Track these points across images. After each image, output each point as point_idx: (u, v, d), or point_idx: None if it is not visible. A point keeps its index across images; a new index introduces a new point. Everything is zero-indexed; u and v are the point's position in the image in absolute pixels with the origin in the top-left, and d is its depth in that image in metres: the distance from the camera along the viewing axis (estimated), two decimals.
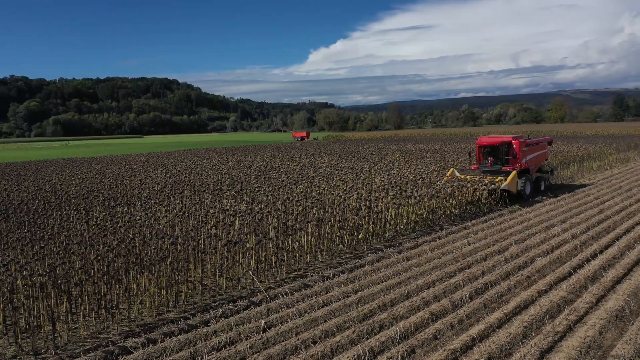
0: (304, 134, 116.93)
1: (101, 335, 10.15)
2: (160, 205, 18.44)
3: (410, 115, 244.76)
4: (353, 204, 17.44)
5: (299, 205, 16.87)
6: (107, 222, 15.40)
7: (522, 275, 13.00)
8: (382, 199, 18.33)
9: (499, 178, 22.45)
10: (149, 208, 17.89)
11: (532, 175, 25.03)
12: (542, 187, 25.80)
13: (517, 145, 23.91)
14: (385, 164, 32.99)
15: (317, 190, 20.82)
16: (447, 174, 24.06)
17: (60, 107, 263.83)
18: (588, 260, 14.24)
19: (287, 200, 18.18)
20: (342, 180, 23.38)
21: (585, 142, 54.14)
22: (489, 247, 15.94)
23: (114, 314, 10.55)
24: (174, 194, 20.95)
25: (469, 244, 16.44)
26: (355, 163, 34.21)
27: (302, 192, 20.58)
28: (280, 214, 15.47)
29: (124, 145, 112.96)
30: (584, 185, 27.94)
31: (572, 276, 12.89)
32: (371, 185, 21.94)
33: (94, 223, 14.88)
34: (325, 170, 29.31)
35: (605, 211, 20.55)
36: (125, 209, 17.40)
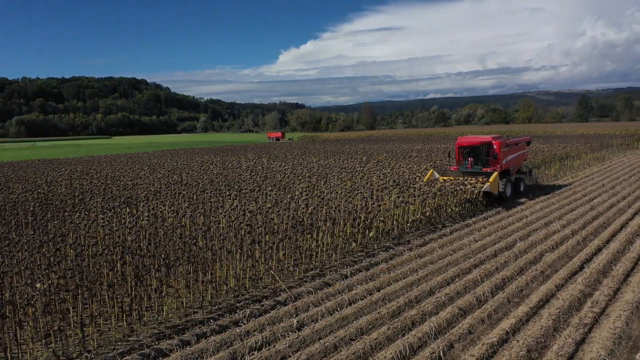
0: (279, 134, 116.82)
1: (131, 338, 9.93)
2: (164, 205, 18.14)
3: (381, 116, 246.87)
4: (359, 202, 17.52)
5: (309, 204, 16.86)
6: (113, 223, 15.05)
7: (536, 270, 13.31)
8: (387, 197, 18.47)
9: (481, 179, 22.11)
10: (153, 209, 17.57)
11: (512, 176, 24.59)
12: (522, 189, 25.59)
13: (498, 146, 23.46)
14: (375, 163, 33.23)
15: (318, 190, 20.82)
16: (427, 176, 23.57)
17: (24, 107, 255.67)
18: (594, 255, 14.72)
19: (292, 200, 18.15)
20: (341, 180, 23.43)
21: (559, 141, 55.70)
22: (496, 244, 16.27)
23: (143, 315, 10.35)
24: (173, 194, 20.62)
25: (476, 241, 16.74)
26: (344, 163, 34.33)
27: (304, 191, 20.55)
28: (292, 213, 15.40)
29: (95, 146, 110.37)
30: (569, 184, 28.76)
31: (584, 270, 13.28)
32: (371, 184, 22.08)
33: (104, 224, 14.51)
34: (318, 170, 29.32)
35: (597, 208, 21.22)
36: (128, 210, 17.03)
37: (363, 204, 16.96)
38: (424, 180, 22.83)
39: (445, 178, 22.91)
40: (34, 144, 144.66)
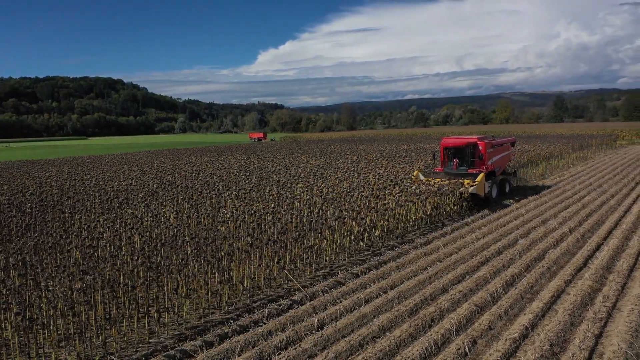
0: (261, 134, 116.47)
1: (152, 340, 9.82)
2: (164, 206, 17.94)
3: (360, 117, 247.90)
4: (362, 201, 17.61)
5: (313, 204, 16.89)
6: (117, 224, 14.83)
7: (542, 267, 13.58)
8: (389, 196, 18.61)
9: (467, 181, 21.54)
10: (154, 210, 17.37)
11: (498, 177, 24.16)
12: (507, 190, 25.20)
13: (483, 147, 22.91)
14: (367, 163, 33.38)
15: (318, 189, 20.84)
16: (413, 177, 23.13)
17: None
18: (595, 251, 15.08)
19: (295, 200, 18.14)
20: (339, 180, 23.50)
21: (541, 141, 56.75)
22: (498, 242, 16.53)
23: (162, 317, 10.24)
24: (171, 195, 20.41)
25: (478, 239, 16.99)
26: (336, 163, 34.42)
27: (304, 191, 20.55)
28: (300, 213, 15.40)
29: (72, 147, 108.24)
30: (557, 183, 29.34)
31: (588, 266, 13.62)
32: (370, 184, 22.20)
33: (108, 225, 14.29)
34: (312, 169, 29.33)
35: (589, 206, 21.72)
36: (130, 211, 16.79)
37: (366, 203, 17.06)
38: (411, 180, 22.59)
39: (430, 180, 22.40)
40: (9, 145, 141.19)
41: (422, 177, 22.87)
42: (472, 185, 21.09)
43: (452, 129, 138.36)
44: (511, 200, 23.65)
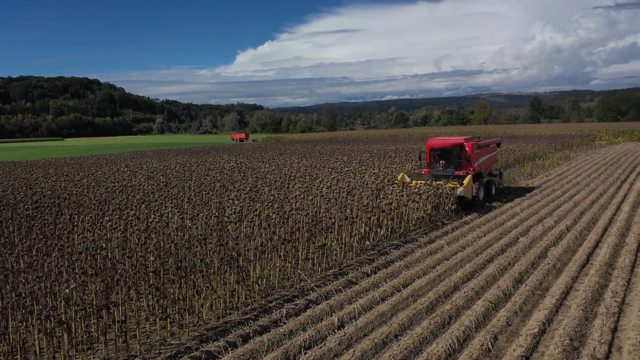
0: (243, 135, 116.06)
1: (173, 342, 9.74)
2: (165, 207, 17.77)
3: (340, 117, 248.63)
4: (367, 201, 17.72)
5: (315, 204, 16.93)
6: (121, 225, 14.64)
7: (547, 264, 13.86)
8: (390, 195, 18.75)
9: (453, 183, 21.08)
10: (156, 210, 17.19)
11: (484, 179, 23.82)
12: (493, 191, 24.88)
13: (470, 148, 22.54)
14: (358, 163, 33.52)
15: (318, 189, 20.89)
16: (398, 179, 22.34)
17: None
18: (594, 248, 15.47)
19: (297, 200, 18.15)
20: (337, 180, 23.57)
21: (523, 142, 57.77)
22: (499, 240, 16.82)
23: (182, 318, 10.17)
24: (169, 196, 20.21)
25: (479, 238, 17.26)
26: (328, 163, 34.48)
27: (304, 191, 20.57)
28: (309, 212, 15.43)
29: (50, 148, 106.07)
30: (545, 182, 29.94)
31: (592, 263, 13.96)
32: (368, 184, 22.33)
33: (116, 227, 14.09)
34: (306, 170, 29.35)
35: (580, 204, 22.23)
36: (133, 212, 16.58)
37: (372, 203, 17.17)
38: (397, 183, 21.82)
39: (416, 182, 21.76)
40: None
41: (407, 179, 22.39)
42: (459, 188, 20.66)
43: (432, 129, 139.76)
44: (499, 203, 23.40)
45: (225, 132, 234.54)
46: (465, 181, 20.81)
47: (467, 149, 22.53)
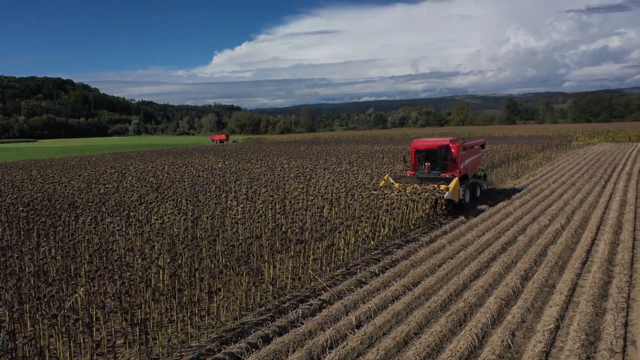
0: (223, 136, 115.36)
1: (193, 344, 9.65)
2: (165, 209, 17.59)
3: (318, 118, 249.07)
4: (366, 201, 17.83)
5: (315, 204, 16.97)
6: (121, 227, 14.43)
7: (549, 261, 14.15)
8: (390, 194, 18.91)
9: (443, 186, 20.53)
10: (156, 212, 16.98)
11: (470, 181, 23.52)
12: (478, 193, 24.63)
13: (456, 149, 22.04)
14: (349, 164, 33.60)
15: (317, 190, 20.92)
16: (382, 182, 21.67)
17: None
18: (591, 245, 15.85)
19: (297, 200, 18.16)
20: (331, 180, 23.62)
21: (504, 142, 58.73)
22: (498, 239, 17.10)
23: (200, 320, 10.10)
24: (168, 196, 19.98)
25: (479, 237, 17.52)
26: (318, 164, 34.51)
27: (302, 192, 20.57)
28: (312, 213, 15.46)
29: (25, 150, 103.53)
30: (532, 182, 30.53)
31: (591, 260, 14.32)
32: (365, 184, 22.45)
33: (118, 229, 13.88)
34: (297, 171, 29.34)
35: (570, 203, 22.75)
36: (133, 213, 16.35)
37: (369, 202, 17.29)
38: (381, 185, 21.33)
39: (400, 185, 21.18)
40: None
41: (392, 182, 21.78)
42: (446, 191, 20.11)
43: (412, 130, 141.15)
44: (485, 205, 22.96)
45: (203, 134, 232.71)
46: (452, 184, 20.36)
47: (452, 150, 22.01)
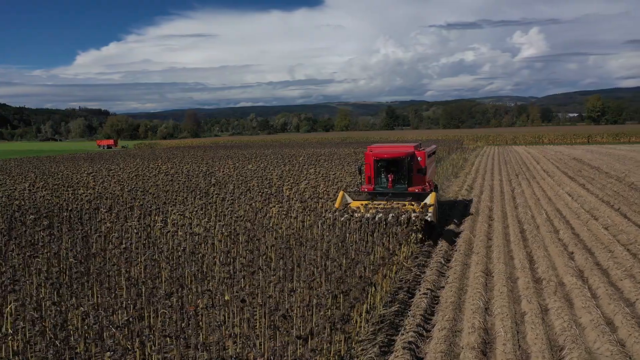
0: (111, 141, 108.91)
1: None
2: (166, 213, 16.78)
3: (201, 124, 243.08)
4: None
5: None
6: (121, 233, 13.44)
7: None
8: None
9: (407, 204, 16.53)
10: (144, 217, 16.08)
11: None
12: None
13: (423, 158, 18.71)
14: (300, 168, 33.69)
15: (311, 192, 21.19)
16: (338, 200, 17.18)
17: None
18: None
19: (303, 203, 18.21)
20: (314, 184, 23.64)
21: None
22: None
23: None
24: (141, 203, 18.83)
25: None
26: (277, 167, 34.29)
27: (293, 194, 20.55)
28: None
29: None
30: (471, 188, 33.42)
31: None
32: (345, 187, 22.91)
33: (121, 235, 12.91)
34: (263, 174, 29.05)
35: (537, 218, 25.48)
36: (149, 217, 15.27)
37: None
38: (336, 206, 16.67)
39: (359, 204, 16.54)
40: None
41: (348, 200, 17.36)
42: (427, 211, 15.79)
43: (303, 136, 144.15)
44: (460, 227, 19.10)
45: (71, 139, 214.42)
46: (431, 200, 16.64)
47: (419, 159, 18.60)
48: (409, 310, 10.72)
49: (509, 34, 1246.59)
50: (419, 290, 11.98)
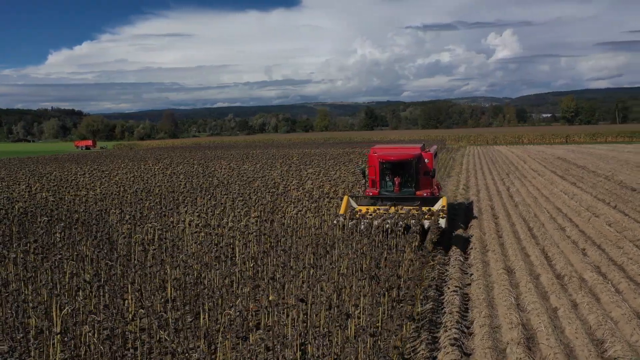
0: (89, 142, 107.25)
1: None
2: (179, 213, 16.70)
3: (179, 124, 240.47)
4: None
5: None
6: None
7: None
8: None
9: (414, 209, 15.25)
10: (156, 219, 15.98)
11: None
12: None
13: (430, 159, 17.99)
14: (299, 168, 33.76)
15: (318, 192, 21.29)
16: (343, 205, 16.01)
17: None
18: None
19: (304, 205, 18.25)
20: (318, 185, 23.71)
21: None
22: None
23: None
24: (182, 203, 18.66)
25: None
26: (273, 168, 34.26)
27: (303, 194, 20.61)
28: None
29: None
30: (467, 189, 33.97)
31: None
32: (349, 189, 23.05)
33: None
34: (263, 174, 29.01)
35: (540, 218, 26.06)
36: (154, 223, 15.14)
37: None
38: (341, 211, 15.57)
39: (364, 208, 15.75)
40: None
41: (354, 205, 16.45)
42: (440, 217, 14.96)
43: (285, 136, 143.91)
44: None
45: (45, 140, 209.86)
46: (443, 205, 15.94)
47: (426, 160, 17.80)
48: (444, 308, 10.94)
49: (483, 35, 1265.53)
50: (448, 288, 12.18)
